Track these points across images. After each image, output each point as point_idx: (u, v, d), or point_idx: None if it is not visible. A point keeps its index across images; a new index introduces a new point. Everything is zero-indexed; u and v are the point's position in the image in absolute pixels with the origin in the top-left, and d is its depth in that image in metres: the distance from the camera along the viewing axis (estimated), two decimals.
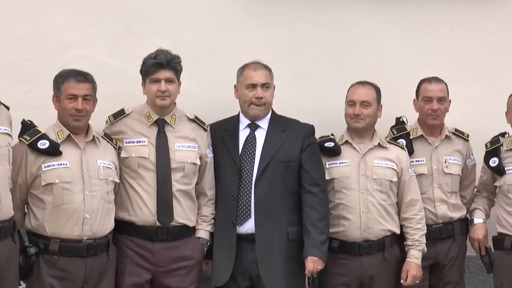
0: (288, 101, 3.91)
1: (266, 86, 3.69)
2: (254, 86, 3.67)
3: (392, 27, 4.36)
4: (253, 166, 3.67)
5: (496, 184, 3.96)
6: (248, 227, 3.61)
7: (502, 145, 3.98)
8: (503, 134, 4.05)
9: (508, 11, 4.50)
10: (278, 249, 3.59)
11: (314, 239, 3.54)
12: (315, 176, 3.65)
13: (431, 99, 3.95)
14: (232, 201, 3.63)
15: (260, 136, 3.72)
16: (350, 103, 3.80)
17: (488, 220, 4.06)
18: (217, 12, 4.15)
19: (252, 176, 3.65)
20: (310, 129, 3.76)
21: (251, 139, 3.72)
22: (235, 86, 3.72)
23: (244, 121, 3.75)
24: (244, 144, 3.72)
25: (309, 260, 3.50)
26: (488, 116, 4.20)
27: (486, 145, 4.02)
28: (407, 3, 4.38)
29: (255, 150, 3.70)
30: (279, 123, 3.75)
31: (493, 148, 3.98)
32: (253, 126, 3.72)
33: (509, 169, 3.90)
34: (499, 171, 3.91)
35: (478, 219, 4.02)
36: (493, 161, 3.93)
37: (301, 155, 3.66)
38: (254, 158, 3.68)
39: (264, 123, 3.74)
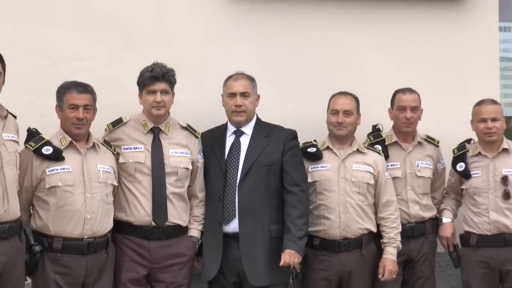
0: (273, 110, 3.92)
1: (245, 94, 3.70)
2: (234, 94, 3.70)
3: (370, 42, 4.38)
4: (237, 170, 3.67)
5: (462, 187, 4.01)
6: (233, 226, 3.63)
7: (468, 151, 4.03)
8: (468, 141, 4.08)
9: (475, 28, 4.52)
10: (261, 246, 3.60)
11: (293, 235, 3.54)
12: (296, 177, 3.65)
13: (405, 108, 3.98)
14: (218, 202, 3.65)
15: (245, 141, 3.73)
16: (333, 112, 3.82)
17: (455, 219, 4.09)
18: (207, 28, 4.16)
19: (236, 179, 3.66)
20: (292, 133, 3.76)
21: (236, 145, 3.73)
22: (222, 95, 3.73)
23: (230, 128, 3.76)
24: (229, 150, 3.73)
25: (286, 252, 3.51)
26: (457, 124, 4.20)
27: (453, 151, 4.07)
28: (383, 21, 4.41)
29: (239, 154, 3.71)
30: (262, 129, 3.76)
31: (460, 154, 4.03)
32: (238, 133, 3.74)
33: (474, 173, 3.94)
34: (465, 175, 3.96)
35: (447, 218, 4.06)
36: (460, 166, 3.98)
37: (282, 158, 3.66)
38: (238, 162, 3.69)
39: (248, 129, 3.75)
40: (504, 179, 3.86)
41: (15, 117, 3.29)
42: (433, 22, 4.46)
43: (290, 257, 3.51)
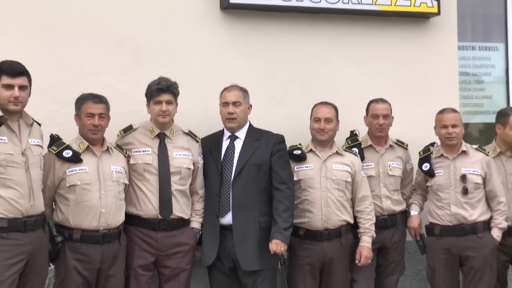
0: (263, 118, 3.92)
1: (236, 104, 3.69)
2: (227, 104, 3.70)
3: (348, 59, 4.40)
4: (231, 169, 3.68)
5: (427, 184, 4.03)
6: (228, 218, 3.64)
7: (432, 153, 4.05)
8: (432, 144, 4.12)
9: (438, 46, 4.59)
10: (252, 236, 3.61)
11: (279, 226, 3.57)
12: (283, 176, 3.66)
13: (378, 116, 4.00)
14: (215, 198, 3.67)
15: (238, 145, 3.74)
16: (316, 119, 3.84)
17: (422, 212, 4.12)
18: (207, 46, 4.14)
19: (230, 177, 3.66)
20: (280, 138, 3.77)
21: (230, 148, 3.74)
22: (219, 105, 3.77)
23: (226, 134, 3.77)
24: (225, 152, 3.74)
25: (273, 242, 3.54)
26: (422, 129, 4.20)
27: (419, 153, 4.10)
28: (359, 40, 4.43)
29: (233, 156, 3.71)
30: (254, 134, 3.77)
31: (425, 156, 4.05)
32: (233, 137, 3.75)
33: (438, 172, 3.97)
34: (430, 174, 3.99)
35: (414, 211, 4.10)
36: (425, 166, 4.00)
37: (271, 159, 3.68)
38: (232, 163, 3.70)
39: (241, 134, 3.75)
40: (463, 177, 3.90)
41: (39, 124, 3.31)
42: (402, 41, 4.52)
43: (276, 246, 3.54)
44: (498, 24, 5.09)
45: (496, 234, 3.92)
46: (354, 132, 4.13)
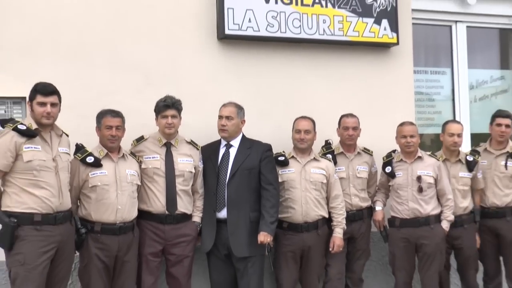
0: (254, 129, 3.92)
1: (229, 118, 3.68)
2: (221, 117, 3.71)
3: (323, 80, 4.40)
4: (227, 172, 3.68)
5: (389, 184, 4.06)
6: (224, 213, 3.65)
7: (393, 158, 4.08)
8: (393, 151, 4.15)
9: (398, 70, 4.60)
10: (243, 228, 3.63)
11: (266, 220, 3.60)
12: (269, 178, 3.69)
13: (348, 128, 4.03)
14: (213, 196, 3.68)
15: (233, 152, 3.74)
16: (297, 131, 3.85)
17: (385, 207, 4.16)
18: (206, 69, 4.12)
19: (225, 179, 3.67)
20: (268, 146, 3.79)
21: (226, 154, 3.75)
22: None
23: (222, 142, 3.77)
24: (221, 158, 3.74)
25: (261, 234, 3.58)
26: (385, 139, 4.21)
27: (383, 158, 4.13)
28: (332, 63, 4.43)
29: (228, 161, 3.72)
30: (246, 143, 3.77)
31: (388, 160, 4.08)
32: (228, 146, 3.76)
33: (398, 174, 4.00)
34: (391, 175, 4.03)
35: (378, 207, 4.13)
36: (388, 169, 4.04)
37: (260, 164, 3.70)
38: (227, 167, 3.70)
39: (236, 143, 3.76)
40: (419, 178, 3.93)
41: (67, 135, 3.35)
42: (368, 66, 4.53)
43: (264, 237, 3.57)
44: (445, 52, 5.09)
45: (445, 225, 3.96)
46: (328, 141, 4.15)
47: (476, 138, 4.94)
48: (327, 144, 4.16)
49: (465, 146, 4.73)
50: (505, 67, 5.33)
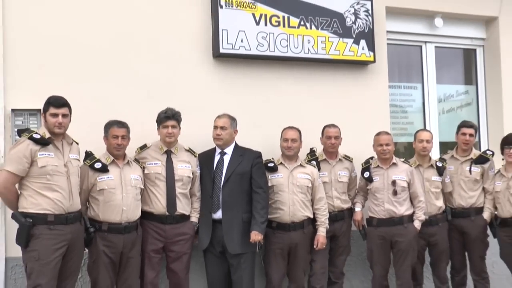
0: (246, 138, 3.91)
1: (223, 128, 3.69)
2: (216, 127, 3.72)
3: (308, 94, 4.41)
4: (221, 177, 3.68)
5: (368, 187, 4.09)
6: (219, 214, 3.65)
7: (371, 164, 4.11)
8: (371, 158, 4.18)
9: (375, 85, 4.63)
10: (236, 228, 3.63)
11: (257, 220, 3.62)
12: (260, 182, 3.70)
13: (331, 137, 4.06)
14: (209, 199, 3.67)
15: (227, 159, 3.74)
16: (285, 139, 3.86)
17: (363, 208, 4.17)
18: (203, 84, 4.11)
19: (220, 183, 3.67)
20: (258, 154, 3.79)
21: (220, 161, 3.74)
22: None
23: (217, 150, 3.77)
24: (217, 164, 3.73)
25: (253, 233, 3.60)
26: (364, 147, 4.20)
27: (362, 164, 4.16)
28: (317, 78, 4.43)
29: (223, 167, 3.71)
30: (239, 151, 3.77)
31: (366, 166, 4.11)
32: (222, 153, 3.76)
33: (375, 179, 4.02)
34: (370, 180, 4.05)
35: (358, 208, 4.15)
36: (366, 174, 4.06)
37: (251, 169, 3.70)
38: (222, 172, 3.69)
39: (229, 151, 3.76)
40: (393, 182, 3.96)
41: (77, 143, 3.37)
42: (348, 81, 4.54)
43: (255, 236, 3.59)
44: (416, 69, 5.12)
45: (417, 224, 3.98)
46: (313, 149, 4.16)
47: (444, 146, 4.96)
48: (312, 152, 4.16)
49: (435, 154, 4.77)
50: (469, 83, 5.37)
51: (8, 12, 3.65)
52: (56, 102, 3.16)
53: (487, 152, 4.40)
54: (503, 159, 4.22)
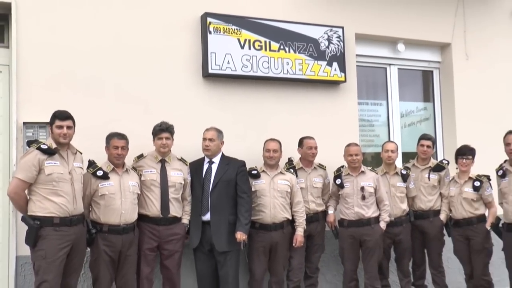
0: (231, 149, 3.92)
1: (211, 140, 3.70)
2: (205, 139, 3.72)
3: (287, 110, 4.43)
4: (210, 183, 3.69)
5: (339, 193, 4.12)
6: (207, 216, 3.65)
7: (342, 172, 4.15)
8: (342, 166, 4.22)
9: (345, 102, 4.66)
10: (223, 228, 3.63)
11: (242, 222, 3.63)
12: (244, 188, 3.72)
13: (312, 147, 4.08)
14: (199, 203, 3.67)
15: (214, 167, 3.75)
16: (267, 150, 3.89)
17: (336, 211, 4.21)
18: (192, 100, 4.11)
19: (209, 189, 3.67)
20: (242, 163, 3.80)
21: (209, 169, 3.75)
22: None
23: (206, 159, 3.78)
24: (205, 172, 3.74)
25: (238, 233, 3.61)
26: (336, 157, 4.25)
27: (334, 172, 4.20)
28: (295, 98, 4.46)
29: (211, 175, 3.72)
30: (225, 160, 3.78)
31: (338, 174, 4.16)
32: (211, 162, 3.76)
33: (346, 185, 4.07)
34: (341, 186, 4.09)
35: (331, 210, 4.18)
36: (338, 181, 4.10)
37: (236, 177, 3.71)
38: (210, 179, 3.70)
39: (217, 160, 3.77)
40: (362, 188, 4.00)
41: (81, 153, 3.37)
42: (322, 99, 4.58)
43: (240, 235, 3.60)
44: (382, 88, 5.16)
45: (383, 225, 4.04)
46: (291, 159, 4.18)
47: (406, 156, 5.03)
48: (290, 161, 4.19)
49: (399, 162, 4.84)
50: (427, 100, 5.40)
51: (21, 35, 3.67)
52: (61, 115, 3.18)
53: (443, 161, 4.49)
54: (457, 168, 4.28)
